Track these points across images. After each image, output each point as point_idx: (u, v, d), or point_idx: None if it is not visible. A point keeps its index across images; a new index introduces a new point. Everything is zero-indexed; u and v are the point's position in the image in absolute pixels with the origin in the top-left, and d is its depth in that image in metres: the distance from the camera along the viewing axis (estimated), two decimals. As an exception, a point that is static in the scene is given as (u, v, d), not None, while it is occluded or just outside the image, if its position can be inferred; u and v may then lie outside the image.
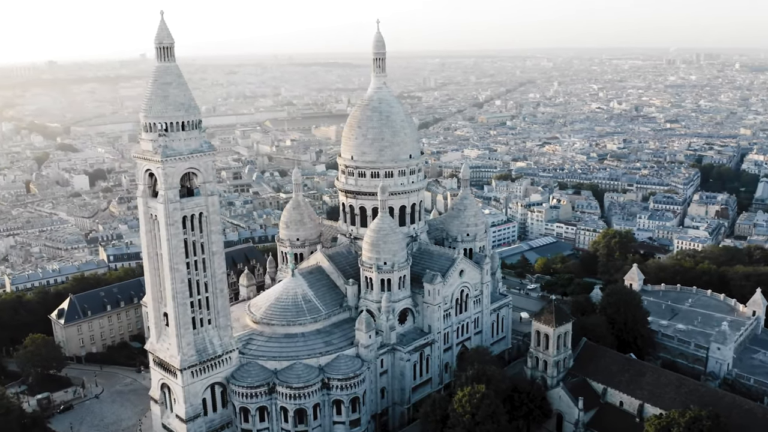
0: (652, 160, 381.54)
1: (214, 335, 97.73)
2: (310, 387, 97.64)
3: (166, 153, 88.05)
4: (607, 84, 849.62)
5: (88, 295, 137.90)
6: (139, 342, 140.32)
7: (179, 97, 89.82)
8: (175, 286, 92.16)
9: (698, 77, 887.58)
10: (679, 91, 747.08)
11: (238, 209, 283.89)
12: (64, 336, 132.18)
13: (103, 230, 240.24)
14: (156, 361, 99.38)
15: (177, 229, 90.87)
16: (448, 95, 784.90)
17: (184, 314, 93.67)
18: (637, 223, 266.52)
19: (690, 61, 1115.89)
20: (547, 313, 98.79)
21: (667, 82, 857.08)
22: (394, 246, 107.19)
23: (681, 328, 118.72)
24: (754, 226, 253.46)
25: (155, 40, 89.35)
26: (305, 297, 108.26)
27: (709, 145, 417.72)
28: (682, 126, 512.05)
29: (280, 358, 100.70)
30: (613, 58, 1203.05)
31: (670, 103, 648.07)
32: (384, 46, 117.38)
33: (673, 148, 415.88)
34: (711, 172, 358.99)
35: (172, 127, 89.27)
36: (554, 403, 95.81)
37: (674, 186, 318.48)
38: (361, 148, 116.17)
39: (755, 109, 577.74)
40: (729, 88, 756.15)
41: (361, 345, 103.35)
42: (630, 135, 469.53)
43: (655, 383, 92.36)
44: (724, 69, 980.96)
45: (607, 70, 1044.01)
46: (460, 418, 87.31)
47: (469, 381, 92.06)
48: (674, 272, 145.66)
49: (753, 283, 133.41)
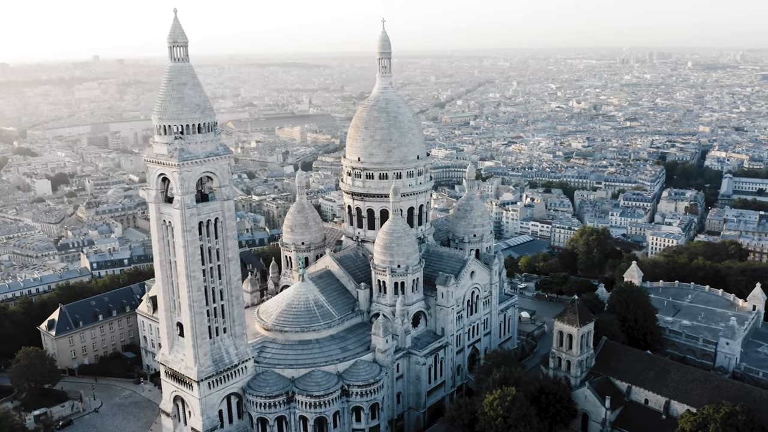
0: (617, 158, 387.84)
1: (229, 344, 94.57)
2: (331, 395, 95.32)
3: (182, 156, 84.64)
4: (565, 83, 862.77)
5: (78, 304, 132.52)
6: (133, 352, 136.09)
7: (195, 98, 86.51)
8: (191, 295, 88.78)
9: (652, 76, 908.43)
10: (635, 89, 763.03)
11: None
12: (55, 348, 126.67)
13: (74, 236, 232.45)
14: (169, 372, 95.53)
15: (194, 235, 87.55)
16: (409, 95, 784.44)
17: (200, 324, 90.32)
18: (610, 220, 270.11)
19: (643, 60, 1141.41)
20: (570, 313, 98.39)
21: (622, 81, 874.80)
22: (408, 248, 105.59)
23: (686, 324, 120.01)
24: (724, 222, 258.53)
25: (168, 39, 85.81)
26: (317, 302, 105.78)
27: (672, 143, 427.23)
28: (641, 124, 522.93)
29: (297, 366, 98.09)
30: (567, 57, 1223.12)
31: (628, 101, 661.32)
32: (389, 45, 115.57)
33: (636, 146, 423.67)
34: (675, 169, 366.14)
35: (188, 129, 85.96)
36: (579, 403, 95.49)
37: (641, 183, 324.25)
38: (368, 150, 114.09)
39: (711, 107, 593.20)
40: (683, 86, 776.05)
41: (378, 350, 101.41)
42: (592, 134, 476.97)
43: (680, 380, 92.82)
44: (677, 68, 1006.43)
45: (563, 70, 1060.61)
46: (492, 421, 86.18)
47: (497, 383, 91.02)
48: (669, 269, 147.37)
49: (748, 277, 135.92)
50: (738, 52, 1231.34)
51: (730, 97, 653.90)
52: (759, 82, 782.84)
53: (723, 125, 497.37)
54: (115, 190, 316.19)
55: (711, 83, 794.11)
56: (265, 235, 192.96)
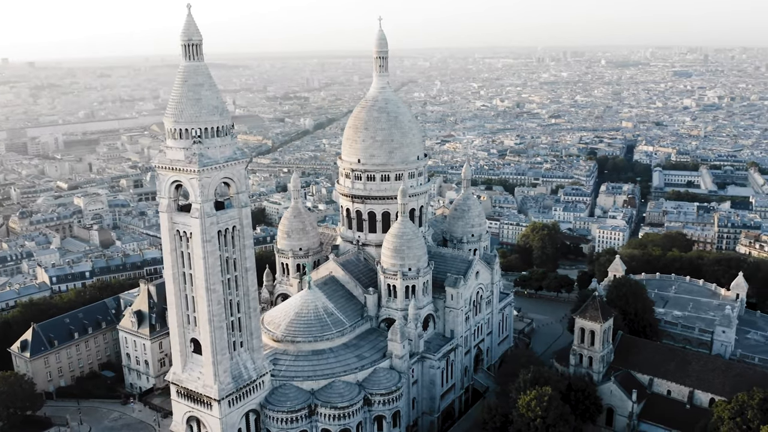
0: (550, 154, 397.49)
1: (247, 359, 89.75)
2: (354, 405, 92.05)
3: (203, 162, 79.44)
4: (486, 82, 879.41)
5: (51, 323, 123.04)
6: (112, 370, 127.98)
7: (212, 100, 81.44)
8: (211, 309, 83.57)
9: (569, 74, 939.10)
10: (554, 87, 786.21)
11: (151, 219, 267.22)
12: (29, 370, 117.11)
13: (9, 249, 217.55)
14: (182, 392, 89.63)
15: (214, 245, 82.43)
16: (335, 95, 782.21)
17: (220, 339, 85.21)
18: (554, 215, 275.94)
19: (558, 59, 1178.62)
20: (591, 310, 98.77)
21: (541, 79, 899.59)
22: (418, 251, 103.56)
23: (678, 314, 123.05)
24: (664, 214, 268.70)
25: (183, 37, 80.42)
26: (327, 310, 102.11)
27: (599, 138, 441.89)
28: (565, 120, 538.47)
29: (316, 377, 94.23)
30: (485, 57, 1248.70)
31: (549, 99, 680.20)
32: (386, 44, 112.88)
33: (565, 142, 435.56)
34: (606, 164, 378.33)
35: (207, 133, 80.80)
36: (604, 398, 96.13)
37: (577, 178, 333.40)
38: (369, 151, 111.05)
39: (628, 103, 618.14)
40: (600, 83, 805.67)
41: (396, 356, 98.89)
42: (520, 131, 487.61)
43: (702, 369, 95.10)
44: (591, 65, 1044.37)
45: (483, 69, 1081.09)
46: (531, 422, 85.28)
47: (528, 384, 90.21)
48: (645, 261, 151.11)
49: (724, 267, 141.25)
50: (648, 49, 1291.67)
51: (645, 93, 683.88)
52: (671, 78, 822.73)
53: (643, 120, 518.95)
54: (45, 199, 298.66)
55: (626, 80, 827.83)
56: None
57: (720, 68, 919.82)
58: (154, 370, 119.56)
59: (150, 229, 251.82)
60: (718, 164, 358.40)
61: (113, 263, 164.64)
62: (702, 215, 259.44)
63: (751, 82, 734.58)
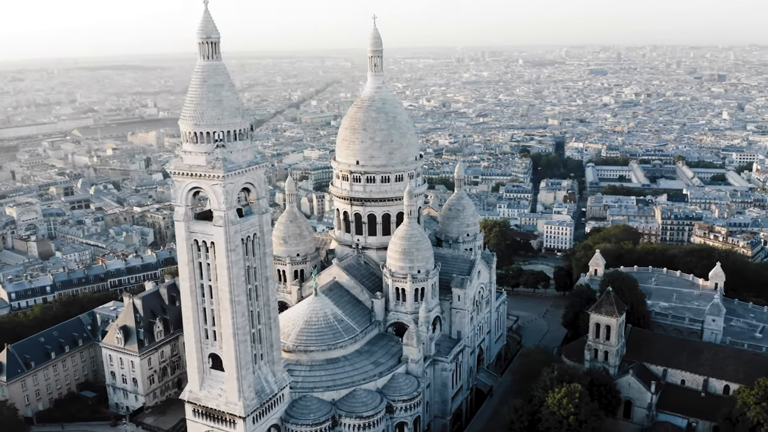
0: (485, 152, 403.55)
1: (267, 372, 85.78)
2: (378, 413, 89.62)
3: (227, 167, 75.12)
4: (410, 82, 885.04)
5: (25, 343, 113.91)
6: (91, 390, 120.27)
7: (233, 101, 77.22)
8: (235, 321, 79.27)
9: (489, 74, 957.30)
10: (477, 87, 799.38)
11: (90, 228, 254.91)
12: (6, 395, 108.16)
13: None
14: (200, 411, 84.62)
15: (238, 255, 78.20)
16: (260, 96, 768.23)
17: (245, 353, 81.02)
18: (499, 212, 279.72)
19: (477, 59, 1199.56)
20: (606, 305, 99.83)
21: (462, 78, 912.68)
22: (427, 253, 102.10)
23: (665, 305, 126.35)
24: (606, 208, 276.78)
25: (200, 35, 75.74)
26: (336, 316, 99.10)
27: (530, 136, 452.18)
28: (493, 119, 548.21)
29: (336, 387, 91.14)
30: (406, 57, 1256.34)
31: (473, 98, 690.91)
32: (381, 43, 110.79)
33: (498, 140, 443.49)
34: (540, 161, 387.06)
35: (229, 136, 76.48)
36: (623, 391, 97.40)
37: (515, 175, 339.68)
38: (368, 152, 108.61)
39: (550, 101, 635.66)
40: (520, 82, 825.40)
41: (411, 360, 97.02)
42: (451, 130, 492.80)
43: (714, 358, 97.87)
44: (510, 65, 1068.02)
45: (405, 69, 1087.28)
46: (564, 419, 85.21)
47: (555, 382, 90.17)
48: (618, 255, 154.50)
49: (696, 258, 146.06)
50: (562, 48, 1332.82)
51: (565, 91, 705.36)
52: (588, 76, 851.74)
53: (567, 118, 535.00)
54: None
55: (545, 79, 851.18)
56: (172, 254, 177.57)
57: (633, 66, 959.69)
58: (143, 388, 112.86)
59: (90, 238, 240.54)
60: (647, 158, 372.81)
61: (75, 276, 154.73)
62: (642, 208, 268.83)
63: (665, 79, 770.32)
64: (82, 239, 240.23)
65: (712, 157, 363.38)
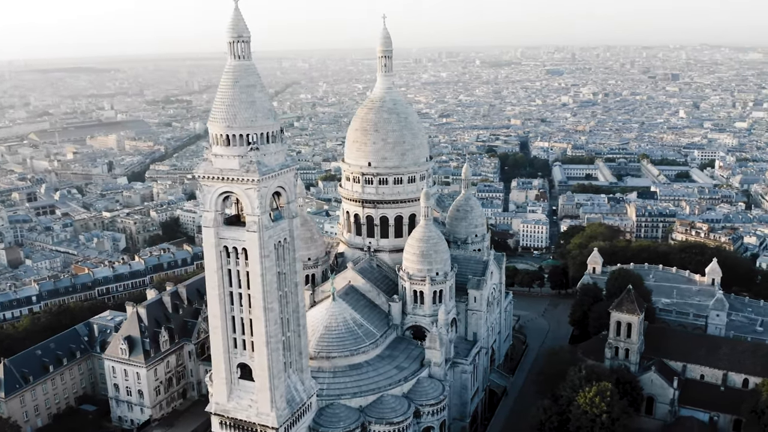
0: (452, 152, 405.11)
1: (296, 380, 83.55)
2: (408, 419, 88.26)
3: (262, 170, 72.74)
4: (370, 83, 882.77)
5: (22, 357, 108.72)
6: (91, 404, 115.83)
7: (266, 102, 74.99)
8: (268, 329, 76.76)
9: (448, 74, 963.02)
10: (436, 87, 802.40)
11: (59, 234, 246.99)
12: (5, 412, 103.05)
13: None
14: (228, 424, 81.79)
15: (271, 261, 75.84)
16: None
17: (277, 362, 78.62)
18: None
19: (434, 60, 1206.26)
20: (627, 303, 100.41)
21: (422, 79, 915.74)
22: (445, 255, 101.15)
23: (667, 301, 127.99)
24: (578, 207, 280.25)
25: (231, 33, 73.27)
26: (356, 321, 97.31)
27: (495, 136, 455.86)
28: (456, 120, 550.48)
29: (363, 394, 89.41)
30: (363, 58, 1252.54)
31: (434, 99, 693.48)
32: (391, 43, 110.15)
33: (464, 140, 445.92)
34: (507, 160, 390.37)
35: (262, 138, 74.16)
36: (645, 388, 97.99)
37: (485, 175, 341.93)
38: (381, 153, 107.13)
39: (510, 102, 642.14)
40: (479, 83, 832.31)
41: (435, 363, 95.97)
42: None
43: (731, 352, 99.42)
44: (467, 66, 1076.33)
45: (363, 70, 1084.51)
46: (597, 418, 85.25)
47: (583, 381, 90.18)
48: (612, 253, 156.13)
49: (689, 254, 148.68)
50: (518, 49, 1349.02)
51: (524, 91, 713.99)
52: (545, 76, 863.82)
53: (528, 117, 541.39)
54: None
55: (502, 79, 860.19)
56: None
57: (588, 66, 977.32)
58: (150, 400, 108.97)
59: (60, 245, 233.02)
60: (612, 157, 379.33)
61: (61, 285, 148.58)
62: (614, 206, 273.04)
63: (620, 79, 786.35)
64: (51, 246, 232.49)
65: (675, 155, 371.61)
